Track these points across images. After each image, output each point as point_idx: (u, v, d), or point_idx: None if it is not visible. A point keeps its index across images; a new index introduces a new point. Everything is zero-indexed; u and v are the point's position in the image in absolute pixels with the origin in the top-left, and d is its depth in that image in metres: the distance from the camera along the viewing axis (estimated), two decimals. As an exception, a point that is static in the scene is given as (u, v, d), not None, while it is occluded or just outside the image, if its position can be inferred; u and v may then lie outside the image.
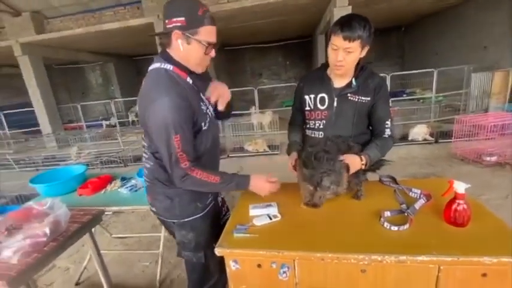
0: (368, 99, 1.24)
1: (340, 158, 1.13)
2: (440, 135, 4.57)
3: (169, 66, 1.04)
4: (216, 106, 1.17)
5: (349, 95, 1.25)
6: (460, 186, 0.98)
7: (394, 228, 0.99)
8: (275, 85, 9.16)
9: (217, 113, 1.21)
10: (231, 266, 1.01)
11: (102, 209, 1.53)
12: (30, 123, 8.13)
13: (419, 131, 4.59)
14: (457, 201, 0.98)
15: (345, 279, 0.95)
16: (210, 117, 1.14)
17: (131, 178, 1.90)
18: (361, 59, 1.21)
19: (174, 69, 1.04)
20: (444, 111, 5.83)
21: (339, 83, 1.28)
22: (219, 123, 1.25)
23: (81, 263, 2.15)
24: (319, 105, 1.31)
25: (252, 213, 1.16)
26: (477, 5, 6.36)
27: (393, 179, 1.36)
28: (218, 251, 0.99)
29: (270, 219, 1.11)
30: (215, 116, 1.21)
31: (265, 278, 1.00)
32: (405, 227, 0.98)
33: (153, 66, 1.07)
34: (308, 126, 1.40)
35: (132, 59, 12.08)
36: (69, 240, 1.27)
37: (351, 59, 1.16)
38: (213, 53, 1.06)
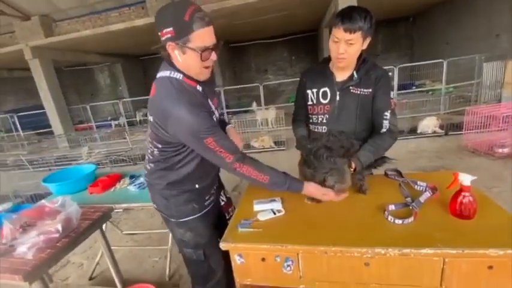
0: (370, 90, 1.23)
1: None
2: (451, 127, 4.47)
3: (179, 76, 1.00)
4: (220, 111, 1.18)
5: (351, 88, 1.24)
6: (465, 178, 0.97)
7: (398, 221, 0.98)
8: (281, 81, 9.07)
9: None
10: (236, 260, 1.03)
11: (111, 206, 1.57)
12: (43, 124, 8.38)
13: (428, 124, 4.50)
14: (462, 193, 0.96)
15: (348, 272, 0.95)
16: (216, 122, 1.13)
17: (140, 176, 1.94)
18: (363, 51, 1.20)
19: (183, 78, 1.01)
20: (455, 102, 5.69)
21: (341, 76, 1.27)
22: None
23: (94, 259, 2.23)
24: (321, 100, 1.30)
25: (256, 208, 1.17)
26: (489, -9, 6.16)
27: (399, 173, 1.35)
28: (223, 246, 1.01)
29: (274, 214, 1.12)
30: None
31: (270, 271, 1.02)
32: (410, 220, 0.98)
33: (163, 74, 1.02)
34: (311, 121, 1.39)
35: (139, 58, 12.23)
36: (81, 237, 1.32)
37: (353, 51, 1.15)
38: (213, 56, 0.99)
